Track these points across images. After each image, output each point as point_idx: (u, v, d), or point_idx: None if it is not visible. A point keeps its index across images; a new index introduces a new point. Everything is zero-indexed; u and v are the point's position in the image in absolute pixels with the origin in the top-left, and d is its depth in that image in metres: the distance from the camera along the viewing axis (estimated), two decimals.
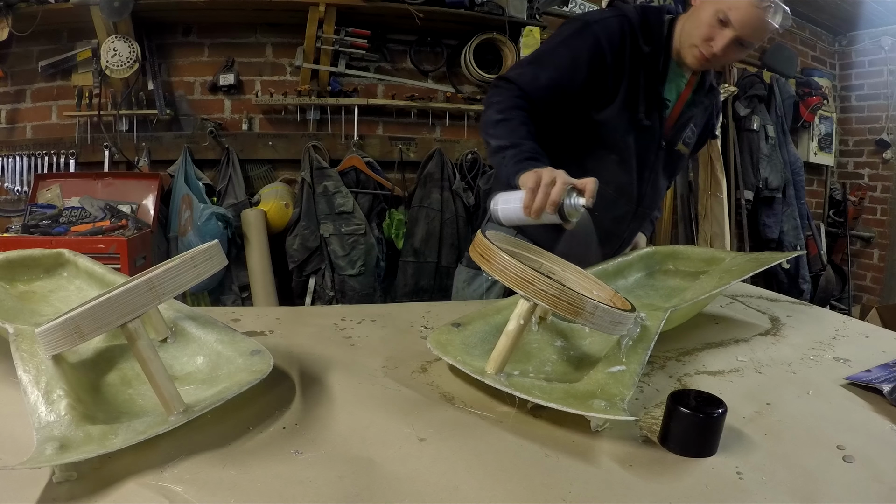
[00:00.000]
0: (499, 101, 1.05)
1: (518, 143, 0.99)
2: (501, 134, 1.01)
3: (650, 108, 1.11)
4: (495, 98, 1.06)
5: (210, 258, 0.52)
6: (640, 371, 0.58)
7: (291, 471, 0.46)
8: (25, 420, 0.47)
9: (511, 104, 1.05)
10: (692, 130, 1.21)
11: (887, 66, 3.95)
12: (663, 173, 1.20)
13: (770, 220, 3.75)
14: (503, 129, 1.02)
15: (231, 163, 2.76)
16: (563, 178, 0.85)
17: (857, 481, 0.47)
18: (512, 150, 0.98)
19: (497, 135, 1.02)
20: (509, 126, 1.03)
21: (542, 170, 0.87)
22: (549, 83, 1.06)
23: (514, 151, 0.97)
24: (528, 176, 0.88)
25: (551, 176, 0.85)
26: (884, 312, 3.02)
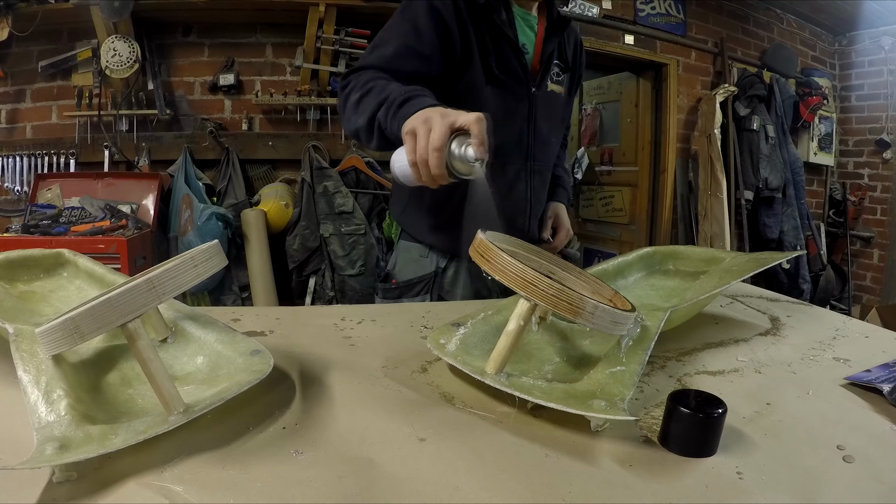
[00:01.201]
0: (353, 87, 0.92)
1: (384, 96, 0.84)
2: (367, 105, 0.86)
3: (506, 58, 1.06)
4: (348, 88, 0.94)
5: (210, 258, 0.52)
6: (640, 371, 0.58)
7: (291, 471, 0.46)
8: (25, 420, 0.47)
9: (367, 78, 0.91)
10: (559, 66, 1.17)
11: (887, 66, 3.95)
12: (545, 121, 1.15)
13: (770, 220, 3.75)
14: (368, 100, 0.87)
15: (231, 163, 2.76)
16: (441, 122, 0.69)
17: (857, 481, 0.47)
18: (384, 105, 0.82)
19: (363, 109, 0.87)
20: (372, 92, 0.87)
21: (418, 114, 0.73)
22: (398, 52, 0.96)
23: (386, 105, 0.82)
24: (407, 122, 0.74)
25: (426, 118, 0.71)
26: (884, 312, 3.02)
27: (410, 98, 0.80)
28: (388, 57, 0.96)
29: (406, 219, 1.20)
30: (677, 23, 3.61)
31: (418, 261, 1.17)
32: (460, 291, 1.16)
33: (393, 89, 0.84)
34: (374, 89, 0.88)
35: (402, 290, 1.17)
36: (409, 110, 0.76)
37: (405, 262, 1.19)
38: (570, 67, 1.21)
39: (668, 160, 3.68)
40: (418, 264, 1.17)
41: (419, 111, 0.74)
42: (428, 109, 0.73)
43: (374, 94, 0.87)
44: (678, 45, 3.62)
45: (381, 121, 0.83)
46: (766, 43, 3.92)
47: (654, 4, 3.51)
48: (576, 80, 1.27)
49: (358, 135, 0.92)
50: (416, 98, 0.79)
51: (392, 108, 0.81)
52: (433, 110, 0.72)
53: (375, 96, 0.86)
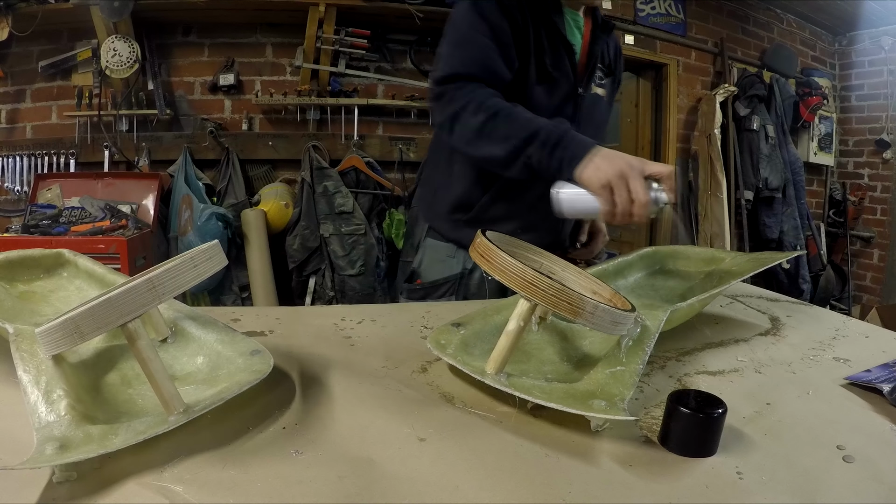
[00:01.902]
0: (464, 102, 0.91)
1: (531, 130, 0.85)
2: (502, 132, 0.88)
3: (559, 57, 1.06)
4: (456, 103, 0.92)
5: (210, 258, 0.52)
6: (640, 371, 0.58)
7: (291, 471, 0.46)
8: (25, 420, 0.47)
9: (481, 95, 0.91)
10: (602, 70, 1.17)
11: (887, 66, 3.95)
12: (588, 123, 1.14)
13: (770, 220, 3.75)
14: (499, 124, 0.88)
15: (231, 163, 2.76)
16: (638, 175, 0.76)
17: (857, 481, 0.47)
18: (532, 141, 0.85)
19: (499, 135, 0.88)
20: (502, 116, 0.88)
21: (602, 161, 0.78)
22: (486, 54, 0.95)
23: (537, 142, 0.84)
24: (590, 173, 0.79)
25: (620, 171, 0.76)
26: (884, 312, 3.02)
27: (563, 138, 0.84)
28: (479, 60, 0.95)
29: (435, 217, 1.18)
30: (677, 23, 3.60)
31: (445, 261, 1.15)
32: (487, 295, 1.13)
33: (540, 124, 0.86)
34: (500, 115, 0.88)
35: (428, 291, 1.16)
36: (574, 152, 0.82)
37: (431, 262, 1.17)
38: (612, 71, 1.22)
39: (668, 160, 3.68)
40: (445, 264, 1.16)
41: (594, 157, 0.80)
42: (612, 159, 0.79)
43: (505, 122, 0.87)
44: (678, 45, 3.62)
45: (532, 158, 0.86)
46: (766, 43, 3.92)
47: (654, 4, 3.50)
48: (616, 84, 1.27)
49: (488, 162, 0.94)
50: (568, 138, 0.84)
51: (547, 147, 0.84)
52: (621, 162, 0.78)
53: (511, 127, 0.87)
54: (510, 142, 0.87)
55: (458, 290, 1.14)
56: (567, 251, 1.27)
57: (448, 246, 1.16)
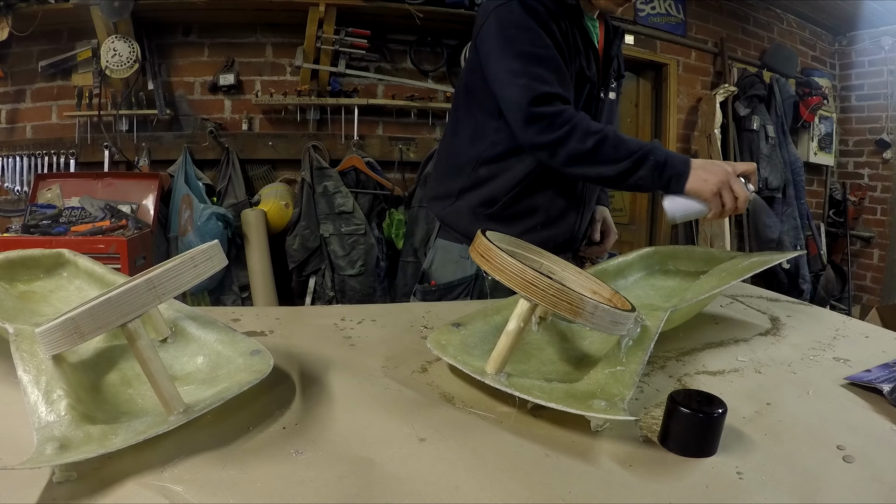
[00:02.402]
0: (569, 128, 0.98)
1: (641, 154, 0.95)
2: (610, 157, 0.97)
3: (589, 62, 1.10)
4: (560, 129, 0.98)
5: (210, 258, 0.52)
6: (640, 371, 0.58)
7: (291, 471, 0.46)
8: (25, 420, 0.47)
9: (582, 121, 0.98)
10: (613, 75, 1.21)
11: (887, 66, 3.95)
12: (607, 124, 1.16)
13: (770, 220, 3.75)
14: (607, 150, 0.97)
15: (231, 163, 2.76)
16: (735, 178, 0.91)
17: (857, 481, 0.47)
18: (642, 164, 0.96)
19: (607, 159, 0.97)
20: (609, 143, 0.97)
21: (704, 173, 0.92)
22: (563, 70, 1.02)
23: (647, 165, 0.95)
24: (698, 185, 0.93)
25: (723, 178, 0.91)
26: (884, 312, 3.02)
27: (667, 159, 0.96)
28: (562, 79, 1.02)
29: (452, 216, 1.17)
30: (677, 23, 3.60)
31: (458, 262, 1.15)
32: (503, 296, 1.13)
33: (646, 150, 0.97)
34: (608, 142, 0.97)
35: (443, 293, 1.15)
36: (679, 170, 0.95)
37: (443, 263, 1.17)
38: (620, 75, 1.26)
39: None
40: (457, 266, 1.15)
41: (696, 170, 0.94)
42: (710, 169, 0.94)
43: (615, 150, 0.97)
44: (678, 45, 3.62)
45: (643, 178, 0.97)
46: (766, 43, 3.92)
47: (654, 4, 3.50)
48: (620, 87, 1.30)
49: (595, 180, 1.09)
50: (670, 158, 0.97)
51: (657, 169, 0.96)
52: (720, 170, 0.93)
53: (620, 152, 0.97)
54: (621, 164, 0.97)
55: (473, 291, 1.14)
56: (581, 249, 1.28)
57: (461, 247, 1.15)
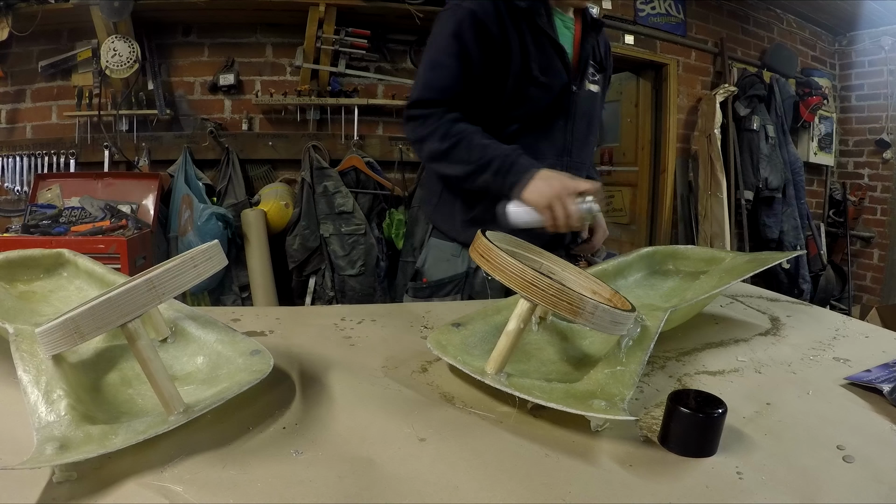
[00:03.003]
0: (432, 128, 1.05)
1: (486, 159, 1.00)
2: (462, 158, 1.03)
3: (549, 59, 1.11)
4: (426, 128, 1.06)
5: (210, 258, 0.52)
6: (640, 371, 0.58)
7: (291, 471, 0.46)
8: (25, 420, 0.47)
9: (446, 123, 1.05)
10: (594, 66, 1.22)
11: (887, 66, 3.95)
12: (583, 120, 1.20)
13: (770, 220, 3.75)
14: (460, 152, 1.03)
15: (231, 163, 2.76)
16: (570, 194, 0.93)
17: (857, 481, 0.47)
18: (486, 169, 1.00)
19: (458, 159, 1.03)
20: (463, 145, 1.03)
21: (541, 184, 0.95)
22: (457, 79, 1.06)
23: (490, 170, 1.00)
24: (532, 195, 0.95)
25: (557, 192, 0.93)
26: (884, 312, 3.02)
27: (512, 165, 1.00)
28: (447, 87, 1.07)
29: (439, 216, 1.21)
30: (677, 23, 3.60)
31: (449, 260, 1.18)
32: (492, 294, 1.15)
33: (493, 155, 1.01)
34: (461, 143, 1.03)
35: (433, 290, 1.18)
36: (518, 178, 0.98)
37: (435, 261, 1.19)
38: (603, 67, 1.26)
39: (668, 160, 3.68)
40: (449, 263, 1.18)
41: (535, 181, 0.97)
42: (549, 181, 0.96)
43: (465, 150, 1.03)
44: (678, 45, 3.62)
45: (486, 182, 1.02)
46: (766, 43, 3.92)
47: (654, 4, 3.50)
48: (607, 80, 1.31)
49: (448, 179, 1.11)
50: (516, 165, 1.00)
51: (499, 174, 1.00)
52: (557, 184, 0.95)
53: (469, 155, 1.02)
54: (468, 167, 1.03)
55: (464, 288, 1.16)
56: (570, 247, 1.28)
57: (453, 245, 1.18)
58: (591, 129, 1.25)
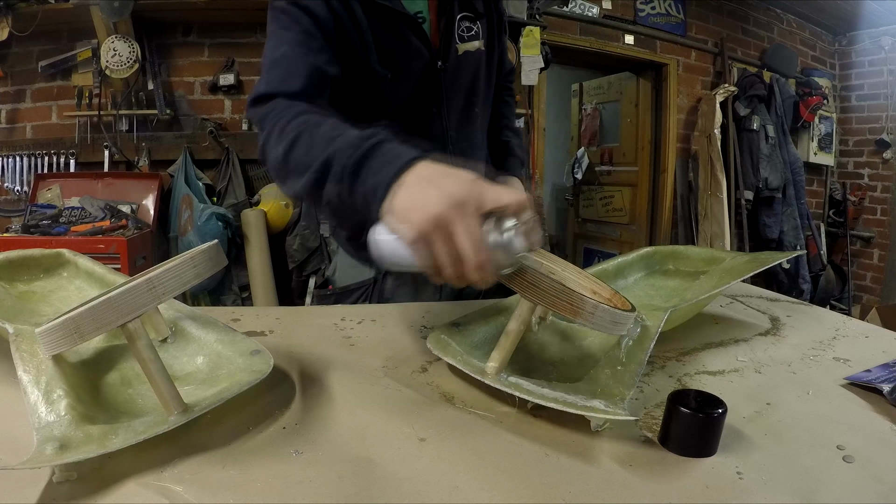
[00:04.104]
0: (269, 128, 0.72)
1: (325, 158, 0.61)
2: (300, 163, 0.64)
3: (404, 38, 0.89)
4: (264, 131, 0.73)
5: (210, 258, 0.52)
6: (640, 371, 0.58)
7: (291, 471, 0.46)
8: (25, 420, 0.47)
9: (285, 116, 0.71)
10: (468, 18, 0.97)
11: (887, 66, 3.95)
12: (460, 92, 0.97)
13: (770, 220, 3.76)
14: (299, 153, 0.65)
15: (231, 163, 2.76)
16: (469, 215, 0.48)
17: (857, 481, 0.47)
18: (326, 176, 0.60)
19: (297, 166, 0.65)
20: (302, 142, 0.66)
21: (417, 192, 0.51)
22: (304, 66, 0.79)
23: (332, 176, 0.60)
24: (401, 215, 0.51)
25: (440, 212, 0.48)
26: (884, 312, 3.02)
27: (362, 163, 0.57)
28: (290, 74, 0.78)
29: (338, 238, 1.12)
30: (677, 23, 3.61)
31: (357, 266, 1.08)
32: (402, 299, 1.05)
33: (335, 146, 0.61)
34: (300, 138, 0.66)
35: (339, 297, 1.08)
36: (375, 183, 0.54)
37: (344, 268, 1.10)
38: (482, 13, 0.99)
39: (668, 160, 3.68)
40: (357, 269, 1.08)
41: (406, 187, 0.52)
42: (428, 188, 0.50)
43: (304, 148, 0.65)
44: (678, 45, 3.62)
45: (333, 197, 0.61)
46: (766, 43, 3.92)
47: (654, 4, 3.51)
48: (496, 22, 1.04)
49: (293, 183, 0.67)
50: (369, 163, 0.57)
51: (345, 181, 0.58)
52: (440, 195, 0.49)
53: (309, 155, 0.64)
54: (307, 176, 0.63)
55: (371, 295, 1.06)
56: None
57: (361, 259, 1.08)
58: (476, 96, 1.00)
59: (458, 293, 1.09)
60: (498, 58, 1.07)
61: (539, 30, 2.79)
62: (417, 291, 1.07)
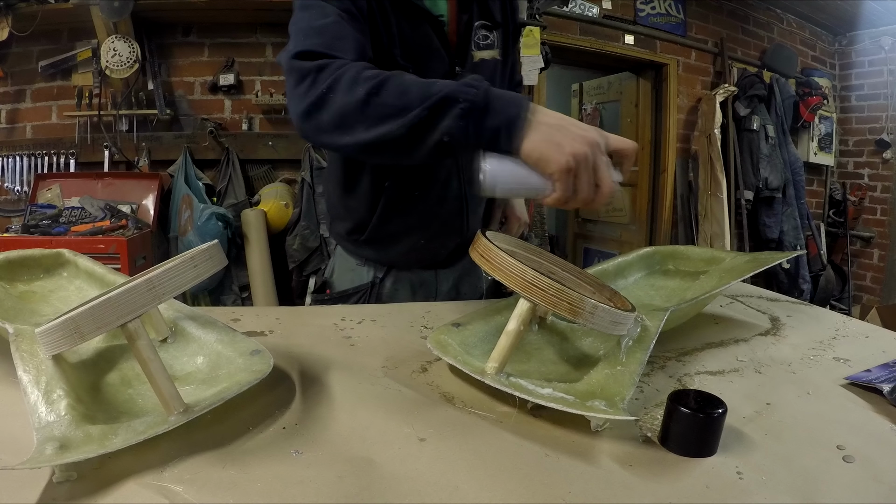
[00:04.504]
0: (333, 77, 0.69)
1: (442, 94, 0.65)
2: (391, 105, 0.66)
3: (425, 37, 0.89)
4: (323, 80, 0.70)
5: (210, 258, 0.52)
6: (640, 371, 0.58)
7: (291, 471, 0.46)
8: (25, 420, 0.47)
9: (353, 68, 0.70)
10: (485, 26, 0.96)
11: (887, 66, 3.95)
12: None
13: (770, 220, 3.76)
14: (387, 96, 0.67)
15: (231, 163, 2.76)
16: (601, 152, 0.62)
17: (857, 481, 0.47)
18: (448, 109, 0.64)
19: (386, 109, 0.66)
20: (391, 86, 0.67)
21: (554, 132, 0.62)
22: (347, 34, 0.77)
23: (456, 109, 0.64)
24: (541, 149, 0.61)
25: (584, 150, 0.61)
26: (884, 312, 3.03)
27: (490, 101, 0.64)
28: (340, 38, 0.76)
29: (336, 233, 1.12)
30: (677, 23, 3.61)
31: (355, 270, 1.08)
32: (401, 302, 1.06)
33: (449, 87, 0.65)
34: (387, 84, 0.67)
35: (336, 301, 1.09)
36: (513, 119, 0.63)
37: (342, 271, 1.11)
38: (499, 23, 0.99)
39: (668, 160, 3.68)
40: (355, 273, 1.09)
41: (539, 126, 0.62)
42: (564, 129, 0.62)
43: (397, 93, 0.67)
44: (678, 45, 3.62)
45: (449, 131, 0.64)
46: (766, 43, 3.93)
47: (654, 4, 3.51)
48: (511, 32, 1.05)
49: (379, 147, 0.69)
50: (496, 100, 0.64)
51: (473, 116, 0.64)
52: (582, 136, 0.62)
53: (409, 96, 0.66)
54: (410, 115, 0.65)
55: (370, 298, 1.08)
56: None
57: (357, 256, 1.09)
58: None
59: (455, 295, 1.09)
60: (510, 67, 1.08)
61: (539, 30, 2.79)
62: (415, 295, 1.08)
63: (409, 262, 1.07)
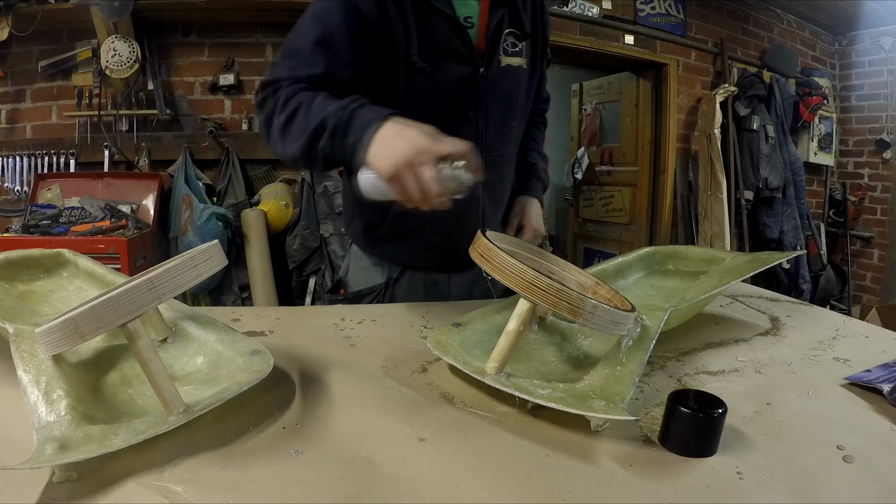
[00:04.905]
0: (272, 106, 0.84)
1: (320, 119, 0.77)
2: (299, 127, 0.79)
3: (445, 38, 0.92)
4: (267, 109, 0.85)
5: (210, 258, 0.52)
6: (640, 371, 0.58)
7: (291, 471, 0.46)
8: (25, 420, 0.47)
9: (286, 92, 0.83)
10: (514, 34, 0.99)
11: (887, 66, 3.95)
12: (500, 103, 1.00)
13: (770, 220, 3.75)
14: (298, 121, 0.80)
15: (231, 163, 2.76)
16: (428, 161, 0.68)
17: (857, 481, 0.47)
18: (322, 132, 0.77)
19: (294, 135, 0.80)
20: (301, 112, 0.80)
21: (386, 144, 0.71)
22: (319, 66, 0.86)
23: (326, 132, 0.76)
24: (375, 160, 0.71)
25: (405, 158, 0.68)
26: (884, 312, 3.02)
27: (350, 121, 0.75)
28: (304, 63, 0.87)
29: (353, 231, 1.12)
30: (677, 23, 3.60)
31: (370, 269, 1.09)
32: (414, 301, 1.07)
33: (328, 111, 0.77)
34: (300, 110, 0.81)
35: (351, 301, 1.10)
36: (358, 137, 0.73)
37: (357, 271, 1.11)
38: (528, 33, 1.02)
39: (668, 160, 3.68)
40: (369, 273, 1.09)
41: (379, 140, 0.71)
42: (396, 140, 0.70)
43: (302, 117, 0.80)
44: (678, 45, 3.62)
45: (326, 150, 0.78)
46: (766, 43, 3.92)
47: (654, 4, 3.50)
48: (541, 45, 1.08)
49: (295, 162, 0.86)
50: (355, 120, 0.75)
51: (337, 135, 0.76)
52: (404, 146, 0.69)
53: (305, 119, 0.79)
54: (304, 137, 0.79)
55: (384, 298, 1.08)
56: None
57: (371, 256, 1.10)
58: (514, 112, 1.04)
59: (464, 295, 1.09)
60: (538, 80, 1.11)
61: None
62: (428, 297, 1.08)
63: (424, 262, 1.07)
